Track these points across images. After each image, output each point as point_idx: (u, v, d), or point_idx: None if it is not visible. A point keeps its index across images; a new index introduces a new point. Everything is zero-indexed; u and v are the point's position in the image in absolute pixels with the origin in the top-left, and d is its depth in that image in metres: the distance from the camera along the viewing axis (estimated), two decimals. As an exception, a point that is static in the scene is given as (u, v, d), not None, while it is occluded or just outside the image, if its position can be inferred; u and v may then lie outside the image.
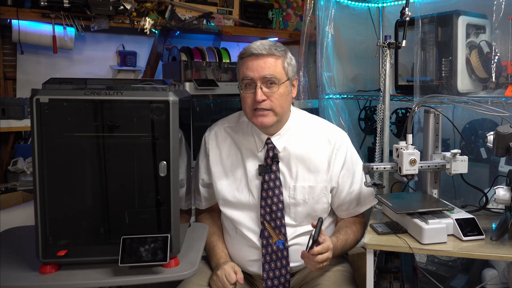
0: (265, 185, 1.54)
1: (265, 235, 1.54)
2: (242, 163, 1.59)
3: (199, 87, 2.55)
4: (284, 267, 1.53)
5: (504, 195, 1.37)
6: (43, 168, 1.21)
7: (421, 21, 2.11)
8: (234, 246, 1.61)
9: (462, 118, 2.13)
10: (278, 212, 1.53)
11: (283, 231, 1.53)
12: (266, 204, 1.53)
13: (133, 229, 1.27)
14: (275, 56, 1.48)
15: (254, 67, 1.46)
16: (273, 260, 1.54)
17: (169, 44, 2.84)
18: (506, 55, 1.88)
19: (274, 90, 1.47)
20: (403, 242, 1.40)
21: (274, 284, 1.54)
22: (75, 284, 1.19)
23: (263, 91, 1.47)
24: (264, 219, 1.54)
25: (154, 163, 1.26)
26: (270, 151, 1.55)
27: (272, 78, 1.46)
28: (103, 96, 1.22)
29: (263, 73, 1.46)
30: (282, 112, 1.51)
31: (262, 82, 1.47)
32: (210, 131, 1.67)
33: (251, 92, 1.48)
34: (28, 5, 2.32)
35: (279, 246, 1.53)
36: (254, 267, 1.58)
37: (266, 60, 1.47)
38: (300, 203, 1.55)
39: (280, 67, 1.49)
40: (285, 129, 1.57)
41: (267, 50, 1.47)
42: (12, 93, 2.59)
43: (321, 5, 2.53)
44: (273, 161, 1.54)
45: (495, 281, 2.02)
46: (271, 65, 1.47)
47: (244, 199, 1.57)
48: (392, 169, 1.58)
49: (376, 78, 2.79)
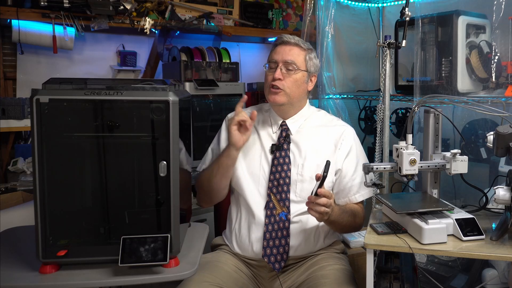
0: (275, 161, 1.68)
1: (269, 206, 1.64)
2: (258, 141, 1.74)
3: (199, 87, 2.55)
4: (284, 237, 1.62)
5: (504, 195, 1.37)
6: (43, 168, 1.21)
7: (421, 21, 2.11)
8: (241, 226, 1.69)
9: (462, 118, 2.13)
10: (284, 186, 1.64)
11: (287, 204, 1.64)
12: (274, 178, 1.66)
13: (133, 229, 1.27)
14: (301, 47, 1.71)
15: (281, 51, 1.70)
16: (274, 230, 1.62)
17: (169, 44, 2.84)
18: (506, 55, 1.88)
19: (291, 74, 1.68)
20: (403, 242, 1.40)
21: (273, 253, 1.62)
22: (75, 284, 1.19)
23: (282, 71, 1.67)
24: (270, 191, 1.65)
25: (154, 163, 1.26)
26: (283, 131, 1.73)
27: (292, 63, 1.67)
28: (103, 96, 1.22)
29: (286, 58, 1.68)
30: (292, 94, 1.69)
31: (283, 64, 1.68)
32: (233, 113, 1.77)
33: (272, 72, 1.69)
34: (28, 5, 2.33)
35: (282, 218, 1.63)
36: (256, 246, 1.64)
37: (291, 48, 1.70)
38: (306, 180, 1.65)
39: (302, 58, 1.70)
40: (299, 114, 1.76)
41: (295, 41, 1.71)
42: (12, 93, 2.59)
43: (321, 5, 2.53)
44: (285, 140, 1.71)
45: (495, 281, 2.02)
46: (294, 53, 1.69)
47: (256, 173, 1.69)
48: (392, 169, 1.58)
49: (376, 78, 2.79)
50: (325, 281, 1.52)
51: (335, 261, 1.63)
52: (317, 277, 1.55)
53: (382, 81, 2.01)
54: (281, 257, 1.61)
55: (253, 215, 1.66)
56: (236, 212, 1.74)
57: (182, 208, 1.33)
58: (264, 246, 1.62)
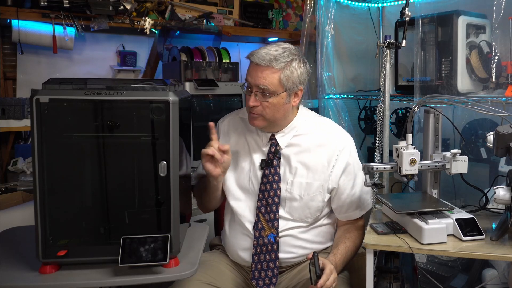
0: (264, 179, 1.60)
1: (258, 227, 1.58)
2: (248, 154, 1.66)
3: (199, 87, 2.55)
4: (273, 260, 1.57)
5: (504, 195, 1.37)
6: (43, 168, 1.21)
7: (421, 21, 2.11)
8: (231, 232, 1.66)
9: (462, 118, 2.13)
10: (273, 206, 1.58)
11: (276, 225, 1.58)
12: (263, 197, 1.59)
13: (133, 229, 1.27)
14: (274, 69, 1.50)
15: (253, 74, 1.52)
16: (263, 252, 1.57)
17: (169, 44, 2.84)
18: (506, 55, 1.88)
19: (266, 99, 1.52)
20: (403, 242, 1.40)
21: (261, 276, 1.57)
22: (75, 284, 1.19)
23: (257, 97, 1.52)
24: (259, 211, 1.59)
25: (154, 163, 1.26)
26: (273, 146, 1.62)
27: (264, 89, 1.50)
28: (103, 96, 1.22)
29: (257, 82, 1.51)
30: (273, 118, 1.56)
31: (257, 90, 1.52)
32: (224, 119, 1.75)
33: (249, 95, 1.55)
34: (28, 5, 2.32)
35: (270, 240, 1.58)
36: (245, 255, 1.61)
37: (263, 71, 1.50)
38: (296, 199, 1.58)
39: (276, 80, 1.51)
40: (289, 127, 1.63)
41: (267, 62, 1.49)
42: (12, 93, 2.59)
43: (321, 5, 2.53)
44: (275, 156, 1.60)
45: (495, 281, 2.02)
46: (267, 76, 1.50)
47: (245, 186, 1.63)
48: (392, 169, 1.58)
49: (376, 78, 2.79)
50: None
51: None
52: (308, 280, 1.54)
53: (382, 81, 2.01)
54: (269, 281, 1.57)
55: (243, 229, 1.61)
56: (227, 218, 1.70)
57: (182, 208, 1.32)
58: (252, 269, 1.58)
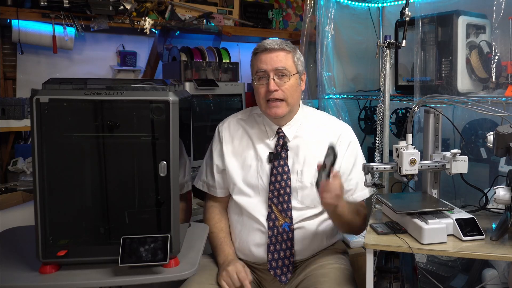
0: (274, 171, 1.63)
1: (271, 217, 1.60)
2: (253, 150, 1.68)
3: (199, 87, 2.55)
4: (288, 249, 1.60)
5: (504, 195, 1.37)
6: (43, 168, 1.21)
7: (421, 21, 2.11)
8: (242, 231, 1.66)
9: (462, 118, 2.13)
10: (285, 196, 1.61)
11: (289, 214, 1.60)
12: (274, 188, 1.61)
13: (133, 229, 1.27)
14: (286, 50, 1.62)
15: (268, 60, 1.60)
16: (278, 241, 1.60)
17: (169, 44, 2.84)
18: (506, 55, 1.88)
19: (285, 81, 1.60)
20: (403, 242, 1.40)
21: (278, 265, 1.59)
22: (75, 284, 1.19)
23: (275, 81, 1.59)
24: (272, 202, 1.61)
25: (154, 163, 1.26)
26: (280, 139, 1.66)
27: (283, 70, 1.59)
28: (103, 96, 1.22)
29: (276, 65, 1.59)
30: (293, 102, 1.63)
31: (275, 73, 1.59)
32: (224, 122, 1.77)
33: (264, 84, 1.61)
34: (28, 5, 2.33)
35: (284, 229, 1.60)
36: (258, 250, 1.62)
37: (278, 54, 1.60)
38: (307, 187, 1.62)
39: (291, 61, 1.62)
40: (295, 120, 1.69)
41: (279, 45, 1.61)
42: (12, 93, 2.59)
43: (321, 5, 2.53)
44: (283, 148, 1.65)
45: (495, 281, 2.02)
46: (282, 58, 1.60)
47: (254, 183, 1.65)
48: (392, 169, 1.58)
49: (376, 78, 2.78)
50: (324, 280, 1.52)
51: (335, 260, 1.63)
52: (317, 276, 1.55)
53: (382, 81, 2.01)
54: (287, 269, 1.59)
55: (255, 223, 1.63)
56: (235, 218, 1.70)
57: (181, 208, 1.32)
58: (269, 259, 1.59)
